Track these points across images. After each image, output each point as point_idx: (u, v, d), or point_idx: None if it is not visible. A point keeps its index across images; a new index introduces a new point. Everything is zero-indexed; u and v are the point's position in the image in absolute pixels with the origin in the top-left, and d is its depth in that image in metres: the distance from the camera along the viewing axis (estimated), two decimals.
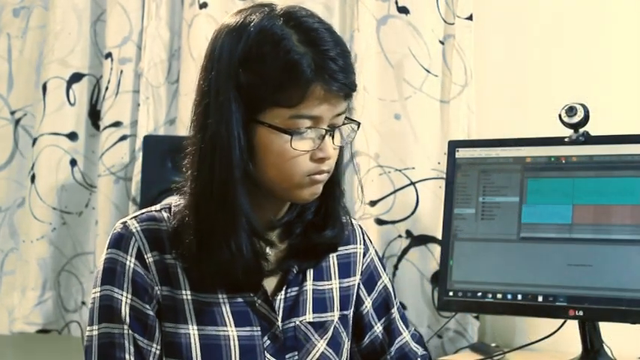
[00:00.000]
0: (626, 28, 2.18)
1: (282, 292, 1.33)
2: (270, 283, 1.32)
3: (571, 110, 1.93)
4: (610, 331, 1.93)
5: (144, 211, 1.32)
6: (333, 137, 1.24)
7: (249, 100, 1.21)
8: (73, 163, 2.69)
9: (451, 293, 2.01)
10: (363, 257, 1.45)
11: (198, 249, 1.24)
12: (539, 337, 2.00)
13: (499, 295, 1.96)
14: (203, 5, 2.51)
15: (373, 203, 2.35)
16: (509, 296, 1.95)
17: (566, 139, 1.95)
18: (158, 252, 1.27)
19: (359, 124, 1.30)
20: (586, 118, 1.92)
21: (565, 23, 2.25)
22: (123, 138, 2.62)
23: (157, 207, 1.33)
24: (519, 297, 1.94)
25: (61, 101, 2.67)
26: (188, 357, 1.26)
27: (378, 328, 1.46)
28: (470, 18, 2.30)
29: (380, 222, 2.35)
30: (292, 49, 1.19)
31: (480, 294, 1.98)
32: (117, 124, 2.61)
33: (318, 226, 1.33)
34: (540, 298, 1.92)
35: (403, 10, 2.35)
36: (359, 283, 1.44)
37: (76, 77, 2.69)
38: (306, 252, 1.34)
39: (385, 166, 2.36)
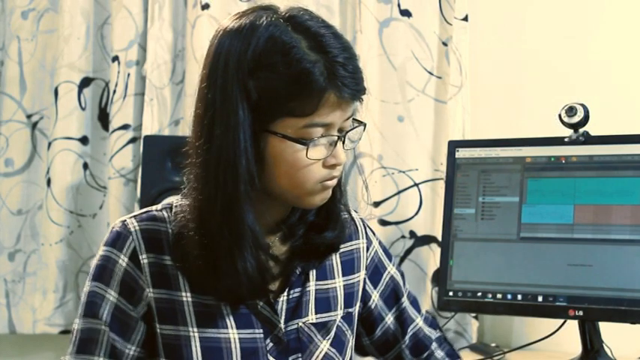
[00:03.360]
0: (625, 27, 2.18)
1: (285, 294, 1.32)
2: (272, 286, 1.31)
3: (571, 110, 1.92)
4: (610, 331, 1.92)
5: (144, 210, 1.31)
6: (343, 142, 1.23)
7: (259, 110, 1.18)
8: (86, 166, 2.71)
9: (451, 293, 2.01)
10: (367, 251, 1.44)
11: (205, 265, 1.22)
12: (539, 337, 2.00)
13: (499, 295, 1.96)
14: (205, 6, 2.52)
15: (377, 204, 2.36)
16: (509, 296, 1.95)
17: (566, 139, 1.94)
18: (155, 253, 1.26)
19: (365, 125, 1.28)
20: (586, 118, 1.91)
21: (566, 22, 2.25)
22: (132, 140, 2.63)
23: (159, 206, 1.32)
24: (519, 297, 1.93)
25: (73, 106, 2.69)
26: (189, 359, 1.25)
27: (389, 319, 1.47)
28: (465, 19, 2.31)
29: (383, 223, 2.36)
30: (303, 57, 1.17)
31: (479, 294, 1.98)
32: (125, 126, 2.63)
33: (319, 227, 1.33)
34: (540, 298, 1.91)
35: (406, 13, 2.36)
36: (365, 279, 1.43)
37: (85, 82, 2.70)
38: (309, 253, 1.33)
39: (389, 168, 2.36)
